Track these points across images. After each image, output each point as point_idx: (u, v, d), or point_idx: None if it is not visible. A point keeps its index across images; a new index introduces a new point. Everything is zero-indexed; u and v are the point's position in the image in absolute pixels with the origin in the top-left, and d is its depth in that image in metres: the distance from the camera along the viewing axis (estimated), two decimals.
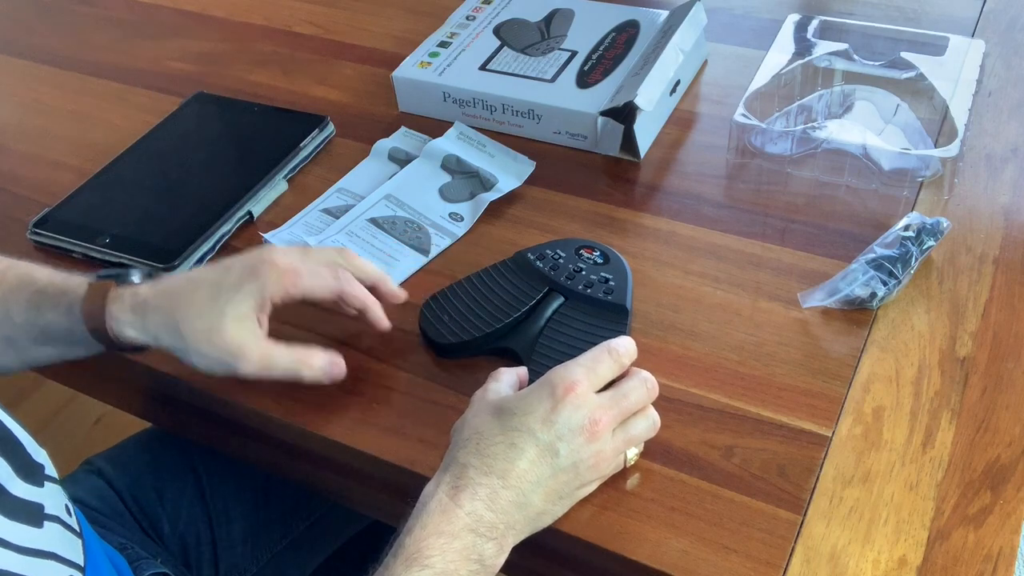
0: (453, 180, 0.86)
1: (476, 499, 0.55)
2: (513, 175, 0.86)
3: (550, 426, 0.57)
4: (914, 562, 0.57)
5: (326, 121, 0.94)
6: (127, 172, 0.92)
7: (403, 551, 0.53)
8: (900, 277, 0.70)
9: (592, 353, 0.60)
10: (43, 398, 1.74)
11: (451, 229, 0.82)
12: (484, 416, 0.58)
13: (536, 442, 0.56)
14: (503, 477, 0.55)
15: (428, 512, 0.54)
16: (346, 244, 0.80)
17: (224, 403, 0.72)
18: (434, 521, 0.54)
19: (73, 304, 0.66)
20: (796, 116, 0.86)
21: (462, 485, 0.55)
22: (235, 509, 0.86)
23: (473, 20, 1.01)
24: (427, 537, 0.53)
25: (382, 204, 0.84)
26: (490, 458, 0.56)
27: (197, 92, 1.01)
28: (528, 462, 0.56)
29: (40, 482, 0.55)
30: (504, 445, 0.56)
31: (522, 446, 0.56)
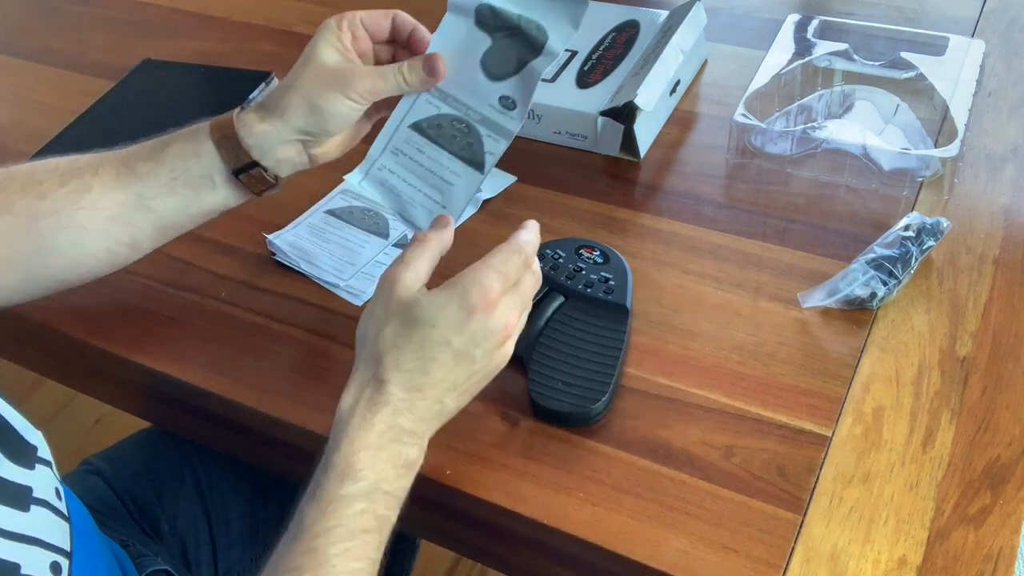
0: (495, 43, 0.66)
1: (397, 413, 0.57)
2: (564, 22, 0.65)
3: (467, 336, 0.58)
4: (914, 562, 0.57)
5: (271, 76, 1.00)
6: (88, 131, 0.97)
7: (333, 468, 0.56)
8: (900, 277, 0.70)
9: (503, 255, 0.61)
10: (43, 398, 1.75)
11: (503, 124, 0.66)
12: (398, 326, 0.59)
13: (452, 352, 0.58)
14: (420, 390, 0.58)
15: (352, 428, 0.57)
16: (392, 167, 0.69)
17: (224, 403, 0.72)
18: (360, 436, 0.56)
19: (199, 128, 0.69)
20: (796, 116, 0.86)
21: (382, 401, 0.57)
22: (234, 509, 0.86)
23: None
24: (355, 452, 0.56)
25: (423, 99, 0.68)
26: (408, 372, 0.58)
27: (144, 59, 1.06)
28: (445, 371, 0.59)
29: (31, 464, 0.55)
30: (422, 359, 0.58)
31: (440, 358, 0.58)
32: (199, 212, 0.70)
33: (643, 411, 0.66)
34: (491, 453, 0.65)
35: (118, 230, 0.69)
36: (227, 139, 0.67)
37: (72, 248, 0.69)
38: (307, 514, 0.55)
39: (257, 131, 0.67)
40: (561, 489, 0.63)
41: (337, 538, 0.54)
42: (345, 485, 0.55)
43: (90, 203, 0.68)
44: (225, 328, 0.77)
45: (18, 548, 0.51)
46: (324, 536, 0.54)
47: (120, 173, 0.69)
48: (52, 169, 0.70)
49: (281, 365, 0.73)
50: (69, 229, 0.68)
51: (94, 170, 0.69)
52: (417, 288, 0.60)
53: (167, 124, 0.94)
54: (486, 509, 0.63)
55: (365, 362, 0.59)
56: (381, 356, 0.58)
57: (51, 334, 0.80)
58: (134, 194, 0.68)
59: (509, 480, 0.64)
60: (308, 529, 0.54)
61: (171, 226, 0.71)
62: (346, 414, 0.58)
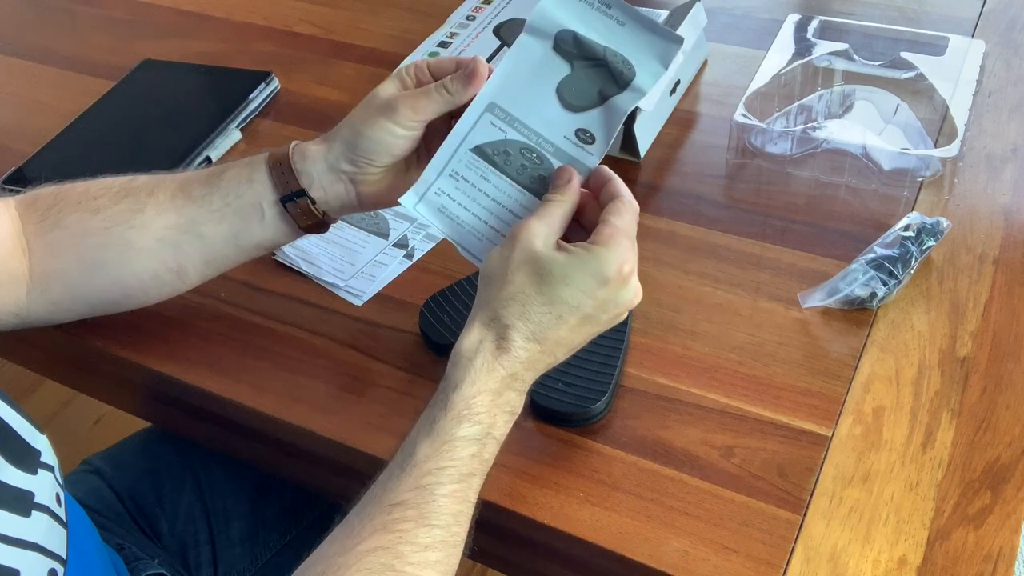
0: (574, 72, 0.61)
1: (518, 362, 0.57)
2: (654, 60, 0.60)
3: (598, 303, 0.58)
4: (914, 562, 0.57)
5: (271, 76, 1.01)
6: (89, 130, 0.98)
7: (453, 407, 0.55)
8: (900, 277, 0.70)
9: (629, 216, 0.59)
10: (43, 398, 1.75)
11: (579, 159, 0.61)
12: (530, 274, 0.57)
13: (580, 316, 0.58)
14: (541, 342, 0.57)
15: (475, 369, 0.56)
16: (452, 193, 0.63)
17: (224, 403, 0.72)
18: (482, 379, 0.56)
19: (257, 156, 0.68)
20: (796, 116, 0.86)
21: (505, 347, 0.57)
22: (234, 509, 0.86)
23: (473, 20, 1.01)
24: (476, 395, 0.56)
25: (486, 121, 0.63)
26: (534, 324, 0.57)
27: (144, 59, 1.06)
28: (567, 331, 0.58)
29: (34, 469, 0.55)
30: (550, 316, 0.57)
31: (567, 318, 0.57)
32: (248, 244, 0.69)
33: (643, 411, 0.66)
34: None
35: (166, 254, 0.69)
36: (280, 164, 0.67)
37: (118, 267, 0.69)
38: (420, 449, 0.55)
39: (308, 154, 0.67)
40: (561, 489, 0.63)
41: (448, 478, 0.54)
42: (463, 426, 0.55)
43: (141, 223, 0.68)
44: (225, 328, 0.77)
45: (18, 554, 0.51)
46: (435, 475, 0.54)
47: (175, 196, 0.68)
48: (108, 186, 0.70)
49: (281, 365, 0.73)
50: (118, 247, 0.68)
51: (150, 190, 0.69)
52: (552, 242, 0.58)
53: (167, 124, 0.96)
54: (486, 509, 0.63)
55: (488, 303, 0.58)
56: (508, 301, 0.57)
57: (51, 334, 0.80)
58: (186, 218, 0.68)
59: (509, 480, 0.64)
60: (420, 465, 0.54)
61: (219, 257, 0.70)
62: (469, 354, 0.57)
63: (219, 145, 0.94)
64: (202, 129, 0.94)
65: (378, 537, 0.52)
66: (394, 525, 0.52)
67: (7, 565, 0.50)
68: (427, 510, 0.53)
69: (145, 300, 0.72)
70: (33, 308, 0.70)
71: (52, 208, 0.70)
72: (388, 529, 0.52)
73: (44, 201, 0.71)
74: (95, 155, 0.94)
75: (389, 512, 0.53)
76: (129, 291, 0.71)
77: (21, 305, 0.70)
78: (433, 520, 0.53)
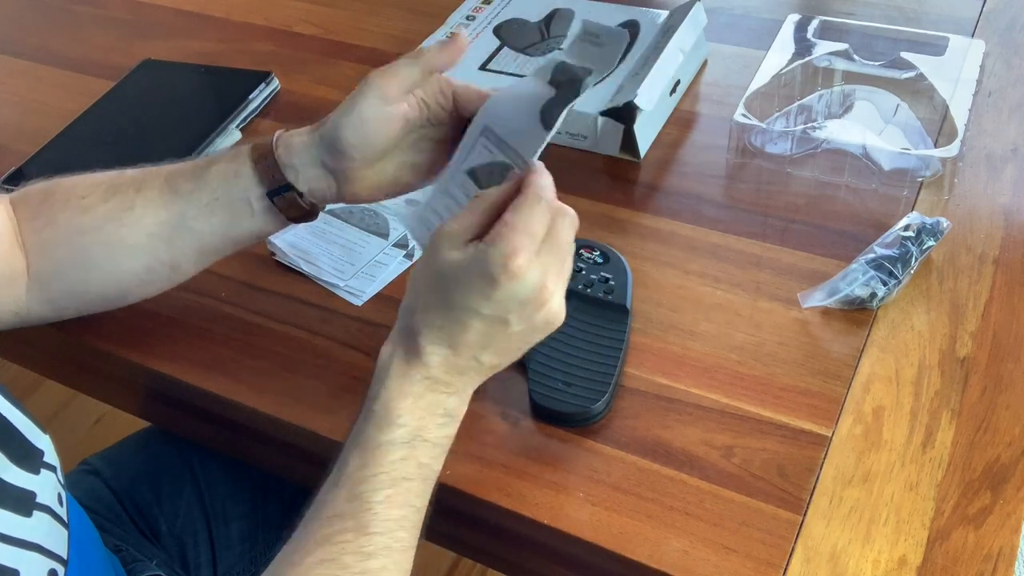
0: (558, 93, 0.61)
1: (430, 366, 0.57)
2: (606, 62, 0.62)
3: (495, 303, 0.54)
4: (914, 562, 0.57)
5: (271, 76, 1.01)
6: (89, 130, 0.98)
7: (374, 415, 0.56)
8: (900, 277, 0.70)
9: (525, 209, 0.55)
10: (43, 398, 1.75)
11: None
12: (427, 280, 0.57)
13: (482, 319, 0.55)
14: (452, 347, 0.56)
15: (390, 378, 0.56)
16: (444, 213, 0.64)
17: (224, 403, 0.72)
18: (397, 384, 0.56)
19: (242, 148, 0.68)
20: (796, 116, 0.86)
21: (414, 351, 0.56)
22: (233, 509, 0.86)
23: (473, 20, 1.01)
24: (392, 399, 0.56)
25: (480, 145, 0.63)
26: (438, 329, 0.56)
27: (144, 59, 1.07)
28: (475, 335, 0.56)
29: (36, 469, 0.55)
30: (450, 320, 0.56)
31: (470, 324, 0.55)
32: (239, 236, 0.69)
33: (643, 411, 0.66)
34: (491, 453, 0.65)
35: (159, 249, 0.69)
36: (264, 158, 0.67)
37: (112, 264, 0.69)
38: (350, 460, 0.55)
39: (292, 148, 0.66)
40: (561, 489, 0.63)
41: (380, 484, 0.54)
42: (384, 432, 0.55)
43: (132, 220, 0.68)
44: (225, 328, 0.77)
45: (19, 554, 0.51)
46: (368, 483, 0.54)
47: (163, 192, 0.68)
48: (96, 183, 0.70)
49: (281, 365, 0.73)
50: (110, 245, 0.68)
51: (138, 187, 0.69)
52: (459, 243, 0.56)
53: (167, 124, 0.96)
54: (486, 509, 0.63)
55: (402, 311, 0.59)
56: (414, 309, 0.57)
57: (51, 334, 0.80)
58: (176, 214, 0.68)
59: (509, 480, 0.64)
60: (351, 476, 0.55)
61: (212, 249, 0.70)
62: (384, 365, 0.57)
63: (219, 145, 0.94)
64: (202, 129, 0.94)
65: (322, 550, 0.53)
66: (336, 537, 0.53)
67: (7, 565, 0.50)
68: (365, 519, 0.53)
69: (142, 295, 0.72)
70: (32, 307, 0.70)
71: (43, 205, 0.70)
72: (331, 541, 0.53)
73: (34, 198, 0.71)
74: (95, 155, 0.93)
75: (330, 524, 0.53)
76: (124, 287, 0.71)
77: (21, 303, 0.70)
78: (373, 528, 0.53)
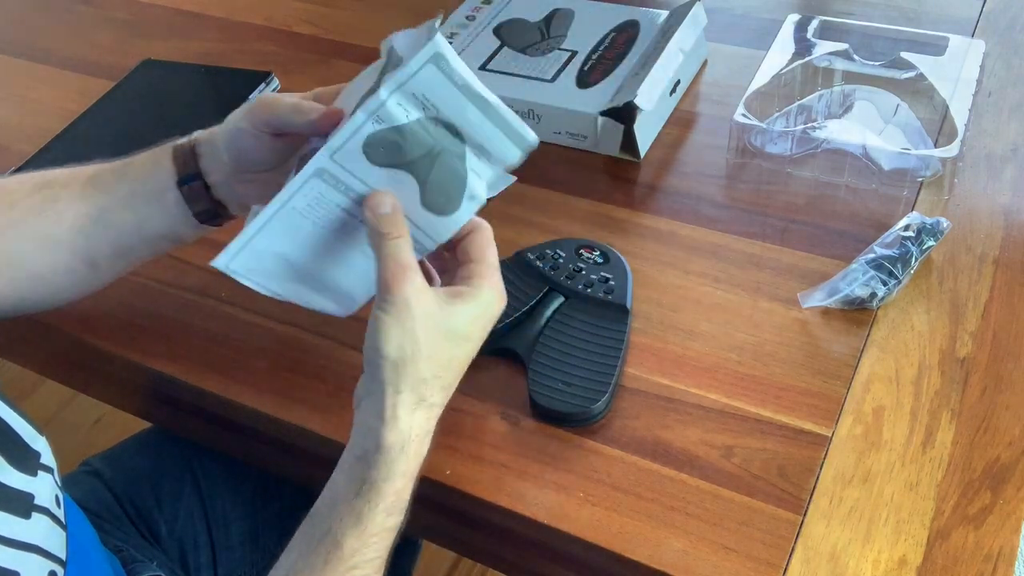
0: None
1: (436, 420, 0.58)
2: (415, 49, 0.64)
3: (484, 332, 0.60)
4: (914, 562, 0.57)
5: (271, 76, 1.01)
6: (89, 131, 0.98)
7: (383, 500, 0.55)
8: (900, 277, 0.70)
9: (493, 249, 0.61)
10: (43, 398, 1.75)
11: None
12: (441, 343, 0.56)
13: (474, 344, 0.59)
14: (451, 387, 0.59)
15: (407, 458, 0.56)
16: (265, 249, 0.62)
17: (224, 403, 0.72)
18: (411, 468, 0.56)
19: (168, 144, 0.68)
20: (796, 116, 0.86)
21: (431, 429, 0.58)
22: (234, 511, 0.86)
23: (473, 20, 1.01)
24: (407, 485, 0.56)
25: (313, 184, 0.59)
26: (448, 391, 0.59)
27: (144, 59, 1.07)
28: (460, 367, 0.59)
29: (34, 471, 0.55)
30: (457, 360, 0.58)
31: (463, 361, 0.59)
32: (152, 234, 0.69)
33: (643, 411, 0.66)
34: (491, 453, 0.65)
35: (79, 245, 0.68)
36: (183, 146, 0.68)
37: (34, 259, 0.69)
38: (347, 542, 0.54)
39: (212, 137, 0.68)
40: (561, 489, 0.63)
41: (374, 569, 0.55)
42: (393, 517, 0.56)
43: (56, 213, 0.68)
44: (225, 328, 0.77)
45: (18, 556, 0.51)
46: (362, 568, 0.54)
47: (87, 185, 0.68)
48: (25, 180, 0.70)
49: (281, 365, 0.73)
50: (33, 239, 0.68)
51: (64, 183, 0.69)
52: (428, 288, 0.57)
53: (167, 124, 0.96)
54: (486, 509, 0.63)
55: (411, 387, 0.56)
56: (430, 380, 0.56)
57: (51, 334, 0.80)
58: (96, 207, 0.68)
59: (509, 480, 0.64)
60: (346, 560, 0.54)
61: (126, 248, 0.69)
62: (401, 443, 0.55)
63: None
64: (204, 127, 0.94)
65: None
66: None
67: (7, 567, 0.50)
68: None
69: (62, 296, 0.72)
70: None
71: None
72: None
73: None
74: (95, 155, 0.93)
75: None
76: (45, 285, 0.70)
77: None
78: None
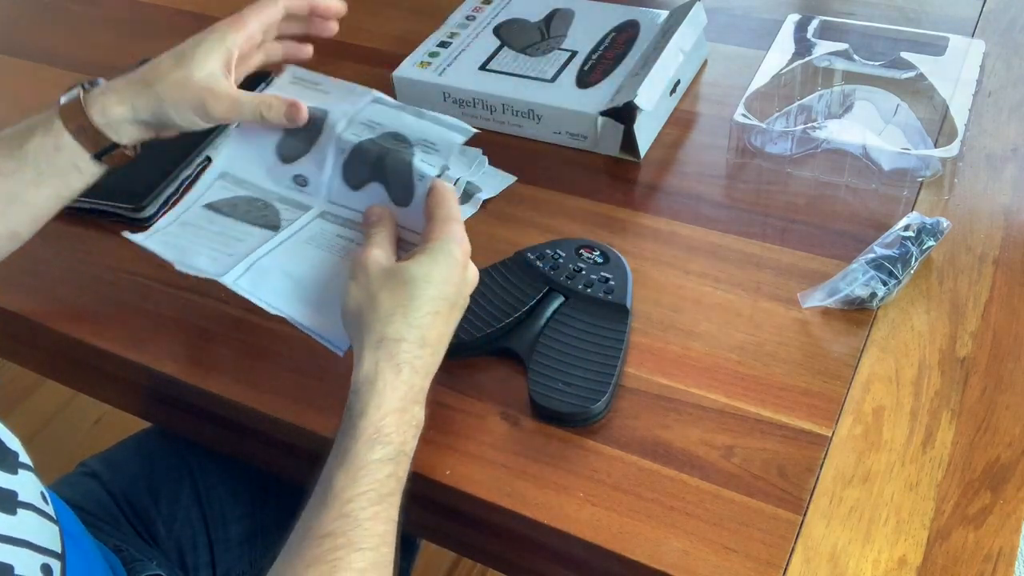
0: (287, 132, 0.74)
1: (414, 373, 0.59)
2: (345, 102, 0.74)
3: (457, 288, 0.62)
4: (914, 562, 0.57)
5: (271, 76, 0.99)
6: None
7: (363, 433, 0.57)
8: (900, 277, 0.70)
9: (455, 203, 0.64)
10: (43, 398, 1.74)
11: (298, 199, 0.74)
12: (393, 289, 0.60)
13: (449, 304, 0.61)
14: (428, 344, 0.60)
15: (378, 392, 0.58)
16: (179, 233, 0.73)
17: (224, 403, 0.72)
18: (387, 400, 0.58)
19: (51, 119, 0.70)
20: (796, 116, 0.86)
21: (402, 360, 0.59)
22: (232, 511, 0.86)
23: (473, 20, 1.01)
24: (384, 417, 0.57)
25: (218, 185, 0.75)
26: (418, 328, 0.60)
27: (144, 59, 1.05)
28: (443, 323, 0.61)
29: (13, 469, 0.55)
30: (430, 315, 0.60)
31: (441, 311, 0.61)
32: (71, 195, 0.72)
33: (643, 411, 0.66)
34: (491, 453, 0.65)
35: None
36: (83, 130, 0.69)
37: None
38: (337, 480, 0.56)
39: (111, 115, 0.69)
40: (561, 489, 0.63)
41: (368, 502, 0.55)
42: (375, 450, 0.56)
43: None
44: (225, 328, 0.77)
45: (9, 550, 0.51)
46: (356, 501, 0.55)
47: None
48: None
49: (281, 365, 0.73)
50: None
51: None
52: (393, 260, 0.63)
53: None
54: (486, 509, 0.63)
55: (369, 329, 0.60)
56: (388, 318, 0.59)
57: (51, 334, 0.80)
58: (4, 192, 0.69)
59: (509, 480, 0.64)
60: (339, 496, 0.55)
61: (46, 213, 0.72)
62: (369, 378, 0.58)
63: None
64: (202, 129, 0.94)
65: (315, 569, 0.53)
66: (327, 556, 0.53)
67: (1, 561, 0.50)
68: (355, 536, 0.54)
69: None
70: None
71: None
72: (323, 560, 0.53)
73: None
74: None
75: (319, 544, 0.54)
76: None
77: None
78: (363, 544, 0.54)
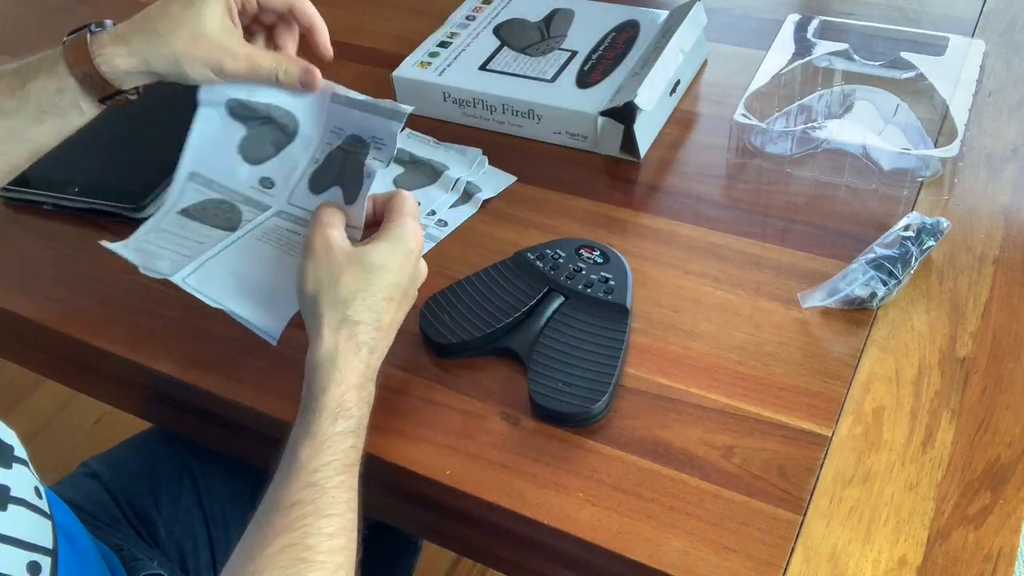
0: (249, 132, 0.72)
1: (371, 353, 0.62)
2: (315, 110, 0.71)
3: (410, 277, 0.65)
4: (914, 562, 0.57)
5: None
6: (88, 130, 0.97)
7: (325, 408, 0.59)
8: (900, 277, 0.70)
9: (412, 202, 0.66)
10: (43, 398, 1.74)
11: (263, 201, 0.72)
12: (356, 272, 0.62)
13: (402, 292, 0.64)
14: (382, 328, 0.63)
15: (339, 369, 0.60)
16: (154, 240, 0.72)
17: (224, 403, 0.72)
18: (347, 376, 0.60)
19: (56, 62, 0.69)
20: (796, 116, 0.86)
21: (360, 341, 0.61)
22: (233, 512, 0.86)
23: (473, 20, 1.01)
24: (345, 392, 0.60)
25: (190, 188, 0.73)
26: (375, 312, 0.62)
27: None
28: (394, 310, 0.64)
29: (8, 463, 0.55)
30: (385, 300, 0.63)
31: (396, 298, 0.64)
32: (70, 131, 0.72)
33: (643, 411, 0.67)
34: (491, 453, 0.65)
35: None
36: (90, 77, 0.69)
37: None
38: (302, 452, 0.58)
39: (119, 68, 0.69)
40: (561, 489, 0.63)
41: (334, 471, 0.57)
42: (338, 423, 0.59)
43: None
44: (225, 328, 0.77)
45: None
46: (321, 471, 0.57)
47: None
48: None
49: (281, 365, 0.73)
50: None
51: None
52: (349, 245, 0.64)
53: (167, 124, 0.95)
54: (486, 509, 0.63)
55: (330, 308, 0.62)
56: (348, 300, 0.61)
57: (51, 334, 0.80)
58: (4, 127, 0.70)
59: (509, 480, 0.64)
60: (305, 466, 0.57)
61: (45, 148, 0.72)
62: (330, 357, 0.60)
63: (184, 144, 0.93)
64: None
65: (284, 537, 0.54)
66: (296, 523, 0.55)
67: None
68: (323, 503, 0.56)
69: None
70: None
71: None
72: (291, 528, 0.55)
73: None
74: (95, 154, 0.93)
75: (288, 513, 0.55)
76: None
77: None
78: (331, 510, 0.56)
